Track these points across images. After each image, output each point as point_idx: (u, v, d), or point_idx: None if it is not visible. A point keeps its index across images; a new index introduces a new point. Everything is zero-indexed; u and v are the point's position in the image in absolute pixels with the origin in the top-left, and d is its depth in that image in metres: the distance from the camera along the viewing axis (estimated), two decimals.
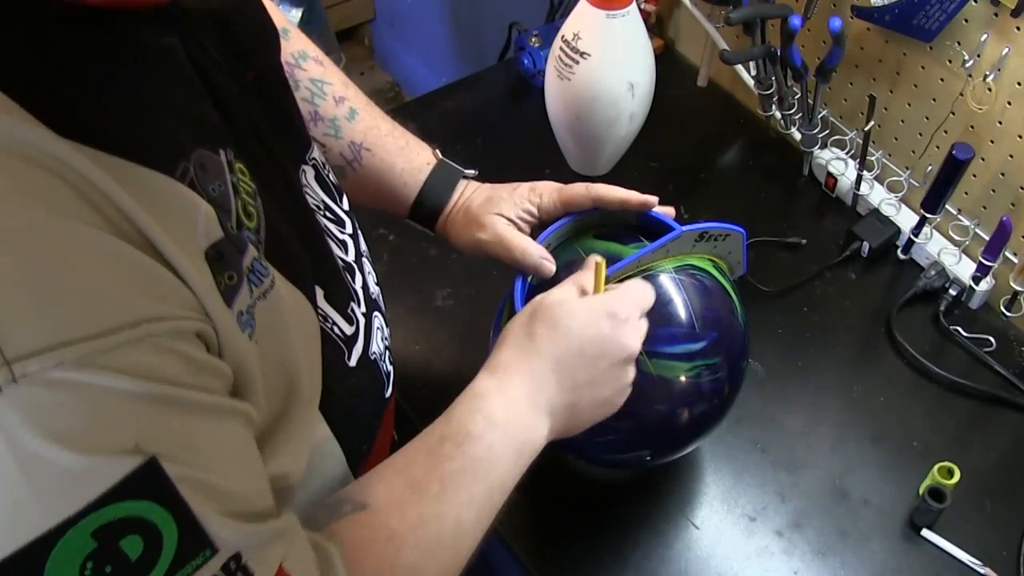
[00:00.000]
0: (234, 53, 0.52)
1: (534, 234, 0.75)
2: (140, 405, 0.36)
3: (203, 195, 0.42)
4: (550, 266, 0.70)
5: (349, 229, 0.65)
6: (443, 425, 0.58)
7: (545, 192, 0.74)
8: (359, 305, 0.62)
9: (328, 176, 0.65)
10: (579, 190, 0.72)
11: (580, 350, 0.61)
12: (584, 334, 0.61)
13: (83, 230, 0.35)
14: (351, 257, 0.64)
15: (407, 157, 0.77)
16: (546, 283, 0.71)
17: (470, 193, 0.77)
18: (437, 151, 0.78)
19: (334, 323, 0.56)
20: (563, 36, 0.98)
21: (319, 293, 0.55)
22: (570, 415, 0.62)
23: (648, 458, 0.76)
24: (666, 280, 0.69)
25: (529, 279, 0.71)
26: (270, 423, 0.48)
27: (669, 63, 1.25)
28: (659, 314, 0.67)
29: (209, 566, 0.38)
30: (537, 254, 0.70)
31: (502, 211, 0.73)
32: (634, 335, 0.63)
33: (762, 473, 0.85)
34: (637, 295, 0.64)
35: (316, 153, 0.64)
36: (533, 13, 1.41)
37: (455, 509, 0.55)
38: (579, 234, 0.74)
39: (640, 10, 0.98)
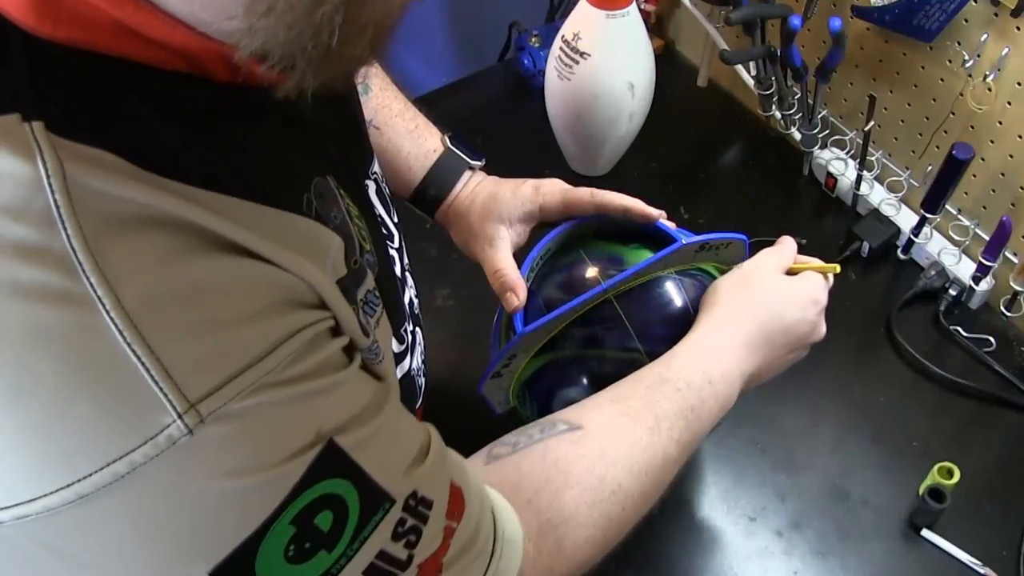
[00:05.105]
0: None
1: (536, 235, 0.74)
2: (310, 403, 0.38)
3: (328, 225, 0.44)
4: (514, 300, 0.69)
5: (397, 243, 0.66)
6: (663, 368, 0.62)
7: (549, 193, 0.73)
8: (408, 323, 0.62)
9: (384, 188, 0.66)
10: (583, 195, 0.72)
11: (789, 330, 0.66)
12: (795, 315, 0.66)
13: (223, 261, 0.36)
14: (398, 271, 0.64)
15: (415, 140, 0.77)
16: (545, 289, 0.71)
17: (473, 187, 0.76)
18: (447, 138, 0.78)
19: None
20: (563, 36, 0.98)
21: None
22: (752, 383, 0.66)
23: None
24: (667, 280, 0.69)
25: (529, 284, 0.71)
26: None
27: (669, 63, 1.25)
28: (660, 314, 0.67)
29: (391, 515, 0.41)
30: (508, 284, 0.70)
31: (502, 215, 0.73)
32: (824, 322, 0.69)
33: (762, 473, 0.85)
34: (829, 283, 0.70)
35: (376, 166, 0.64)
36: (533, 13, 1.41)
37: (665, 444, 0.58)
38: (581, 236, 0.74)
39: (640, 10, 0.98)
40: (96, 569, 0.35)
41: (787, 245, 0.72)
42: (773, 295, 0.66)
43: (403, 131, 0.77)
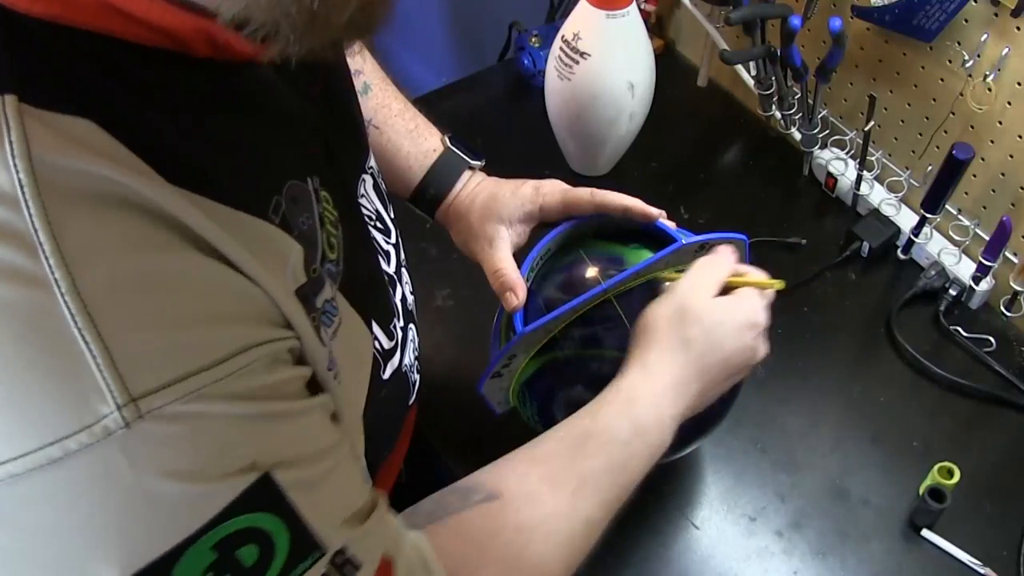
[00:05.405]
0: (306, 68, 0.52)
1: (536, 235, 0.74)
2: (254, 425, 0.37)
3: (293, 231, 0.43)
4: (514, 300, 0.68)
5: (393, 238, 0.65)
6: (589, 421, 0.59)
7: (550, 193, 0.73)
8: (399, 319, 0.62)
9: (381, 184, 0.65)
10: (583, 195, 0.71)
11: (726, 360, 0.63)
12: (733, 345, 0.62)
13: (191, 259, 0.36)
14: (392, 268, 0.64)
15: (414, 140, 0.76)
16: (545, 289, 0.71)
17: (473, 187, 0.76)
18: (447, 137, 0.78)
19: (376, 338, 0.57)
20: (563, 36, 0.98)
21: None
22: (685, 416, 0.63)
23: None
24: (667, 281, 0.68)
25: (529, 284, 0.71)
26: None
27: (669, 63, 1.25)
28: None
29: (318, 567, 0.40)
30: (507, 284, 0.69)
31: (502, 215, 0.73)
32: (766, 341, 0.65)
33: (762, 473, 0.85)
34: (768, 299, 0.66)
35: (372, 160, 0.64)
36: (533, 13, 1.41)
37: (588, 507, 0.56)
38: (581, 236, 0.74)
39: (640, 10, 0.98)
40: (11, 549, 0.34)
41: (724, 256, 0.67)
42: (709, 327, 0.62)
43: (403, 131, 0.77)
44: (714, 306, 0.63)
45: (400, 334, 0.62)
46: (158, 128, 0.37)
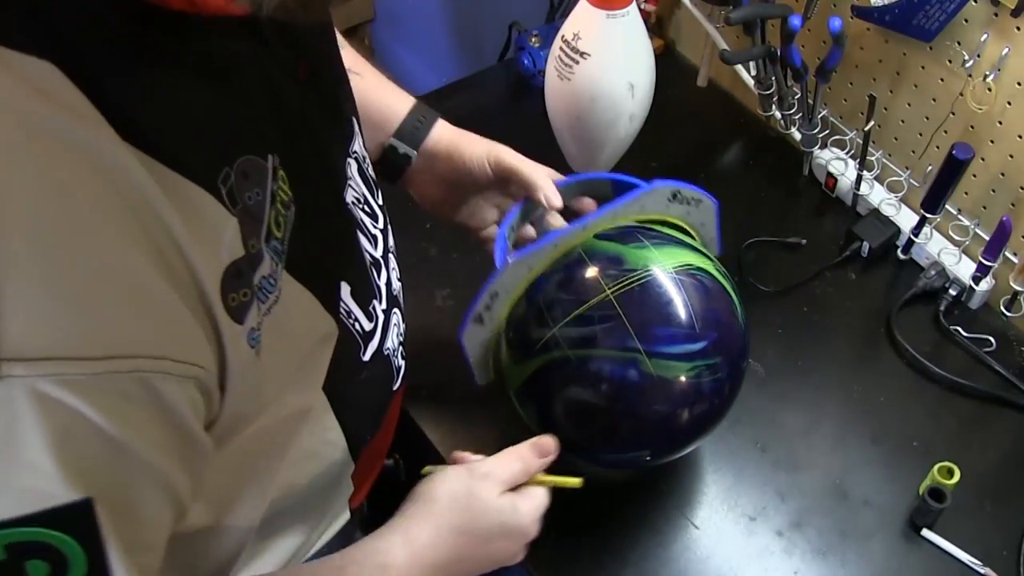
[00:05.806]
0: (292, 48, 0.52)
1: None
2: (100, 444, 0.36)
3: (237, 204, 0.43)
4: (557, 202, 0.74)
5: (381, 224, 0.65)
6: (336, 572, 0.59)
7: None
8: (380, 302, 0.62)
9: (367, 169, 0.66)
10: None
11: (485, 559, 0.65)
12: (497, 548, 0.66)
13: (120, 245, 0.35)
14: (379, 252, 0.64)
15: (393, 86, 0.79)
16: (544, 288, 0.71)
17: (459, 137, 0.79)
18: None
19: (356, 319, 0.57)
20: (563, 36, 0.98)
21: (345, 289, 0.55)
22: None
23: (648, 458, 0.76)
24: (667, 280, 0.69)
25: (507, 251, 0.72)
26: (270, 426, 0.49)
27: (669, 63, 1.25)
28: (659, 314, 0.67)
29: None
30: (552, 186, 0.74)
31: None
32: (526, 549, 0.68)
33: (762, 473, 0.85)
34: (545, 507, 0.68)
35: (357, 145, 0.64)
36: (533, 13, 1.41)
37: None
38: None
39: (640, 10, 0.98)
40: None
41: (530, 457, 0.68)
42: (485, 528, 0.64)
43: (382, 78, 0.79)
44: (500, 509, 0.65)
45: (382, 316, 0.61)
46: (119, 82, 0.37)
